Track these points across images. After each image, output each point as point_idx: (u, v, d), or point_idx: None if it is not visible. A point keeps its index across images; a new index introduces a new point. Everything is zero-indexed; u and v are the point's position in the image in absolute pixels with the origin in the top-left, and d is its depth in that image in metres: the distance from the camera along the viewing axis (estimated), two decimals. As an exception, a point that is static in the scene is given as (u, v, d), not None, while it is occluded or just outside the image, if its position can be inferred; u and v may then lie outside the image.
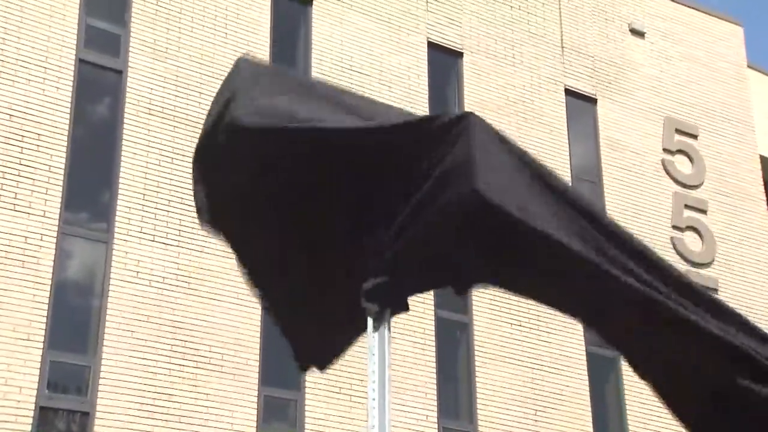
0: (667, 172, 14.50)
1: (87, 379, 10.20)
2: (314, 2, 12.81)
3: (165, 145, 11.19)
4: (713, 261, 14.32)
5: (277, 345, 11.41)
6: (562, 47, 14.48)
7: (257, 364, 10.91)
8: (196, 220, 9.91)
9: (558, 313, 3.02)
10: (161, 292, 10.65)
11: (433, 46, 13.48)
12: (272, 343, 11.20)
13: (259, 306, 11.10)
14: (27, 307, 10.06)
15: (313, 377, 11.16)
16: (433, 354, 11.94)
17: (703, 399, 2.64)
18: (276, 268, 3.12)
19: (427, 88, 13.15)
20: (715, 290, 14.15)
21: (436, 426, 11.69)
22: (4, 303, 9.99)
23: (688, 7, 15.87)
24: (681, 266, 14.10)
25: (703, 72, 15.52)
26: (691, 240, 14.34)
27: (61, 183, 10.63)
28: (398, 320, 11.15)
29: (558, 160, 13.73)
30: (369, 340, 3.65)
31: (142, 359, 10.34)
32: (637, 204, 14.08)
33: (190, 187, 12.69)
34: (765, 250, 14.72)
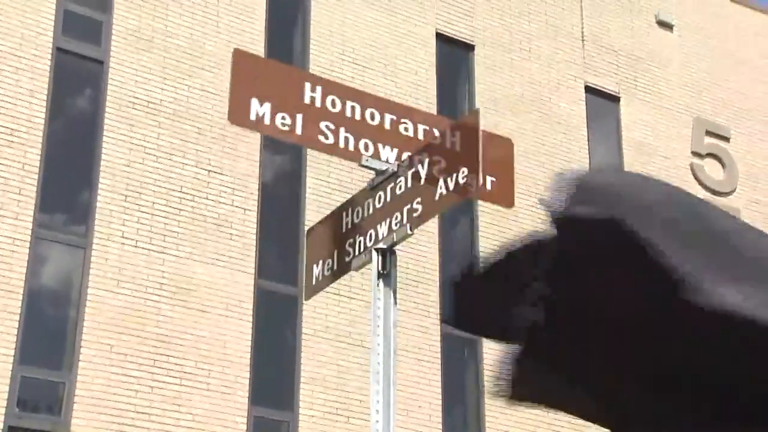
0: (696, 178, 14.40)
1: (61, 397, 10.11)
2: (314, -11, 12.73)
3: (149, 142, 11.11)
4: (745, 275, 14.20)
5: (268, 361, 11.35)
6: (583, 40, 14.39)
7: (247, 381, 10.81)
8: (182, 225, 9.68)
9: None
10: (144, 302, 10.56)
11: (442, 38, 13.40)
12: (263, 359, 11.10)
13: (250, 319, 11.03)
14: (-4, 317, 9.96)
15: (307, 396, 11.06)
16: (439, 373, 11.83)
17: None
18: None
19: (435, 83, 13.05)
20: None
21: (441, 452, 11.58)
22: (-28, 312, 9.89)
23: (721, -2, 15.78)
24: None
25: (737, 69, 15.41)
26: (721, 252, 14.21)
27: (35, 182, 10.54)
28: (401, 336, 11.08)
29: (576, 164, 13.60)
30: (372, 357, 3.58)
31: (121, 375, 10.24)
32: (663, 212, 13.95)
33: (177, 187, 12.47)
34: (802, 263, 14.59)
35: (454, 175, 4.25)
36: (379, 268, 4.22)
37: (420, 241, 11.97)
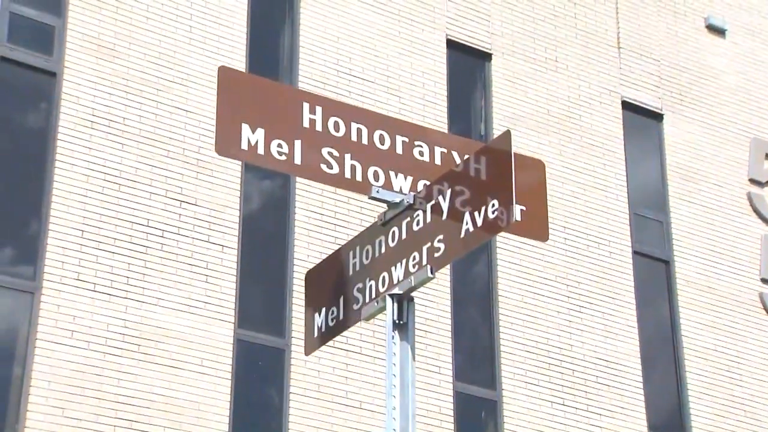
0: (755, 210, 14.42)
1: (4, 470, 10.08)
2: (303, -12, 12.83)
3: (110, 167, 11.14)
4: (813, 324, 14.20)
5: (251, 425, 11.32)
6: (619, 48, 14.46)
7: (225, 451, 10.80)
8: (149, 265, 9.73)
9: (614, 388, 2.93)
10: (103, 357, 10.55)
11: (454, 46, 13.47)
12: (245, 424, 11.07)
13: (228, 376, 11.02)
14: (-71, 375, 9.96)
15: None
16: (452, 441, 11.83)
17: None
18: None
19: (446, 98, 13.11)
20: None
21: None
22: None
23: (780, -2, 15.89)
24: (772, 330, 13.98)
25: (800, 81, 15.49)
26: (784, 297, 14.23)
27: (-25, 215, 10.57)
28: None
29: (613, 192, 13.65)
30: (388, 422, 3.63)
31: (76, 444, 10.22)
32: (716, 250, 13.98)
33: (143, 221, 12.50)
34: None
35: (483, 207, 4.28)
36: (395, 318, 4.25)
37: (428, 284, 11.97)
